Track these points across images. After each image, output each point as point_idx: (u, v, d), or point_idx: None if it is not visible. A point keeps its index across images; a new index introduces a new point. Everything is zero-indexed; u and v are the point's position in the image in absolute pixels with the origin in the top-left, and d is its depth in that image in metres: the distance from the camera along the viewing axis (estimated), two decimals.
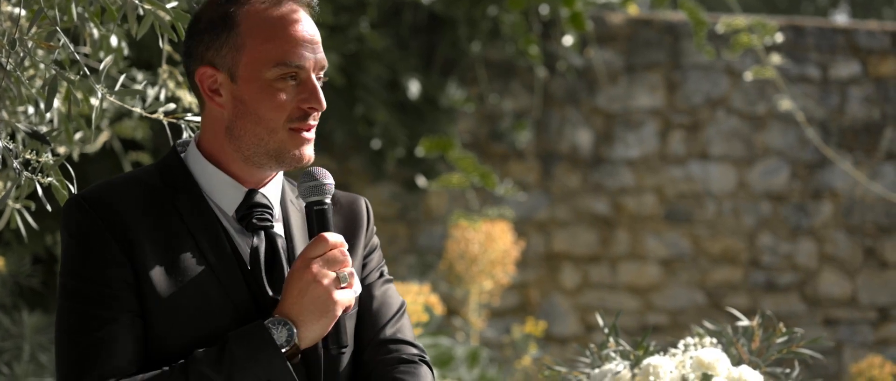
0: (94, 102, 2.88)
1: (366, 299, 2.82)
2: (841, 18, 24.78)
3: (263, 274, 2.67)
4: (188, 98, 3.48)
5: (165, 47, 3.56)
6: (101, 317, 2.56)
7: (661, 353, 3.20)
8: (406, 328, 2.85)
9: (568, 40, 8.72)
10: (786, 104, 7.61)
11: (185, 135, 2.85)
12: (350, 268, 2.65)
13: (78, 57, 2.83)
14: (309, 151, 2.67)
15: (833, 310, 9.51)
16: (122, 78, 2.85)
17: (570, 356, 3.48)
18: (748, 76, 7.24)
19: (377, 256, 2.90)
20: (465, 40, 8.53)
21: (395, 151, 8.31)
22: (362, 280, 2.83)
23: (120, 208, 2.60)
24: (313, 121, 2.66)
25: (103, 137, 4.81)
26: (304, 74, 2.63)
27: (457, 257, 6.98)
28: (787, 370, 3.28)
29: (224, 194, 2.69)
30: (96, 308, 2.57)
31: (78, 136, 3.63)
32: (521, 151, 9.03)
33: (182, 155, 2.74)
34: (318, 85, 2.66)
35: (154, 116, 2.86)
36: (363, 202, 2.91)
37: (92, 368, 2.54)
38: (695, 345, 3.20)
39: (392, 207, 8.77)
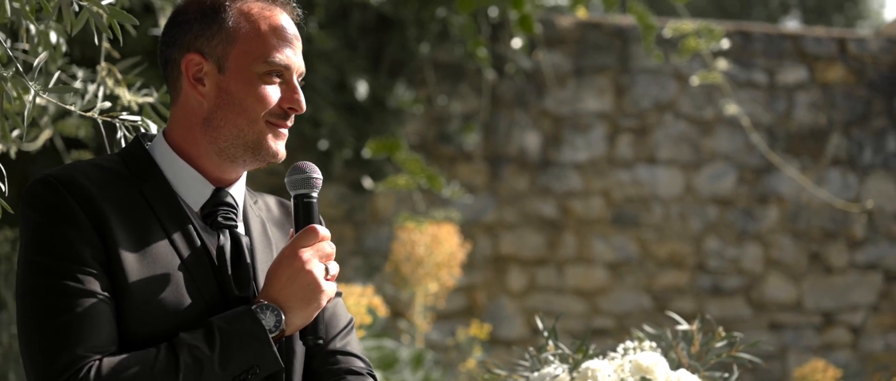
0: (29, 98, 2.84)
1: None
2: (792, 24, 24.96)
3: (230, 272, 2.66)
4: (128, 96, 3.44)
5: (104, 45, 3.52)
6: (77, 294, 2.51)
7: (601, 356, 3.19)
8: (354, 343, 2.87)
9: (517, 43, 8.72)
10: (732, 109, 7.64)
11: (119, 134, 2.82)
12: (335, 263, 2.67)
13: (10, 54, 2.79)
14: (283, 148, 2.69)
15: (778, 314, 9.56)
16: (56, 75, 2.81)
17: (512, 360, 3.47)
18: (695, 80, 7.26)
19: None
20: (413, 42, 8.51)
21: (343, 153, 8.29)
22: None
23: (90, 188, 2.57)
24: (290, 122, 2.70)
25: (45, 135, 4.75)
26: (289, 74, 2.69)
27: (403, 259, 6.96)
28: (726, 375, 3.28)
29: (191, 189, 2.69)
30: (72, 285, 2.51)
31: (15, 133, 3.58)
32: (469, 153, 9.02)
33: (147, 146, 2.73)
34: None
35: (89, 113, 2.83)
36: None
37: (72, 345, 2.48)
38: (634, 349, 3.20)
39: (339, 208, 8.74)
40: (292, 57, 2.69)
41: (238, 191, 2.75)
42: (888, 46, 9.81)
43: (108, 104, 2.88)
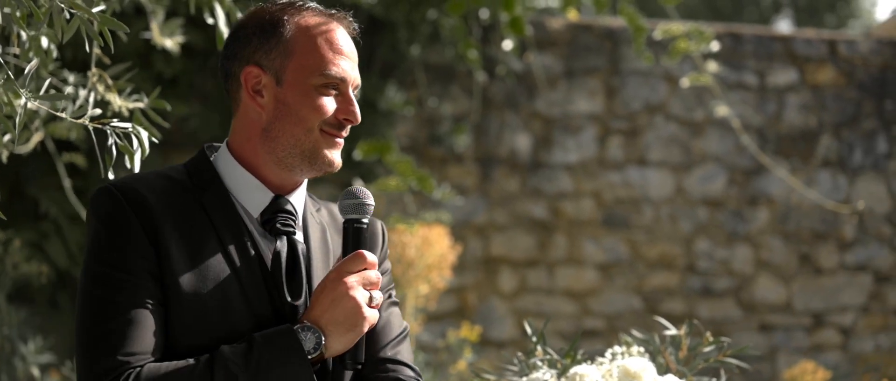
0: (20, 103, 2.85)
1: None
2: (783, 24, 24.99)
3: (284, 279, 2.72)
4: (118, 102, 3.45)
5: (95, 51, 3.53)
6: (123, 303, 2.60)
7: (589, 361, 3.21)
8: (406, 352, 2.91)
9: (508, 45, 8.73)
10: (722, 111, 7.66)
11: (110, 141, 2.83)
12: (380, 292, 2.72)
13: (1, 59, 2.80)
14: (339, 157, 2.76)
15: (768, 316, 9.58)
16: (47, 82, 2.82)
17: (500, 364, 3.48)
18: (685, 83, 7.28)
19: (387, 278, 2.96)
20: (404, 44, 8.52)
21: None
22: None
23: (150, 199, 2.66)
24: (345, 132, 2.77)
25: (36, 137, 4.76)
26: (345, 87, 2.75)
27: (393, 261, 6.97)
28: (714, 380, 3.30)
29: (251, 196, 2.76)
30: (119, 294, 2.60)
31: (6, 138, 3.59)
32: (460, 154, 9.03)
33: (212, 158, 2.81)
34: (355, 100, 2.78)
35: (80, 120, 2.84)
36: (379, 225, 2.97)
37: (109, 352, 2.57)
38: (622, 354, 3.21)
39: None
40: (348, 70, 2.75)
41: (298, 198, 2.82)
42: (878, 48, 9.83)
43: (98, 111, 2.89)
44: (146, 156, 2.84)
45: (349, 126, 2.76)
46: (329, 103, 2.71)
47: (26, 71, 2.77)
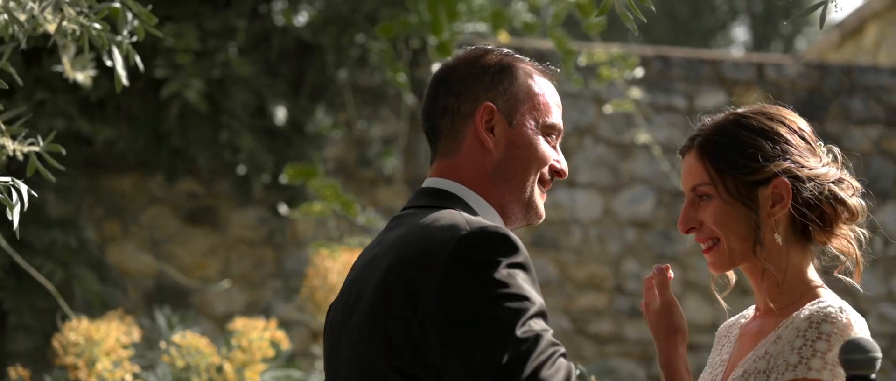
0: None
1: None
2: (740, 31, 25.17)
3: None
4: (12, 146, 3.45)
5: None
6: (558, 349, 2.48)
7: None
8: None
9: (436, 68, 8.78)
10: (643, 137, 7.74)
11: None
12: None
13: None
14: (544, 209, 2.80)
15: (696, 336, 9.67)
16: None
17: None
18: (608, 109, 7.36)
19: None
20: (333, 67, 8.55)
21: (261, 177, 8.31)
22: None
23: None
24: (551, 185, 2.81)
25: None
26: (559, 137, 2.79)
27: (317, 286, 6.99)
28: None
29: None
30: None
31: None
32: (390, 176, 9.08)
33: (465, 201, 2.74)
34: None
35: None
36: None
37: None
38: None
39: (259, 231, 8.77)
40: (561, 121, 2.80)
41: None
42: (805, 71, 9.95)
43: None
44: (25, 209, 2.84)
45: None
46: (551, 151, 2.74)
47: None
